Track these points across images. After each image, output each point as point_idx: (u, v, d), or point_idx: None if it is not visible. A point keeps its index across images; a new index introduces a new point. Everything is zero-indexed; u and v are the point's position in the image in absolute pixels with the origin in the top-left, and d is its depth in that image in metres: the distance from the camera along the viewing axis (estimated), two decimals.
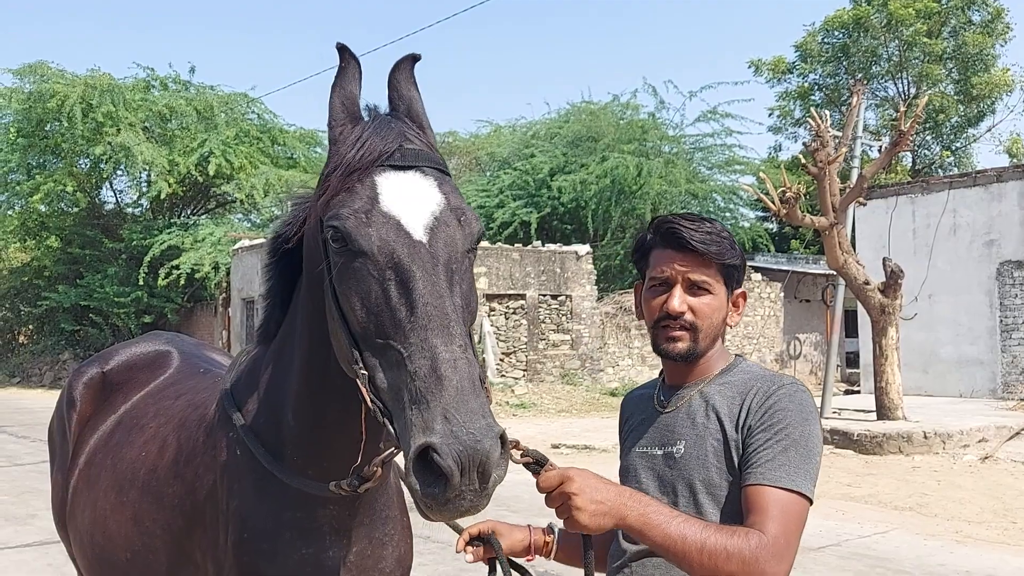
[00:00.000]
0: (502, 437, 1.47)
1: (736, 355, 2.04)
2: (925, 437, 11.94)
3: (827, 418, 14.11)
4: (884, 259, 13.62)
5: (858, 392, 19.99)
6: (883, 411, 13.15)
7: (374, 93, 1.89)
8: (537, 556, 2.06)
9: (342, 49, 1.84)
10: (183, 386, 2.76)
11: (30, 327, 32.40)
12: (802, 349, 24.64)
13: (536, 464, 1.69)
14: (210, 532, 2.09)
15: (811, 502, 1.78)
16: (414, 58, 1.92)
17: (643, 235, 2.02)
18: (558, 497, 1.65)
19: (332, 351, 1.79)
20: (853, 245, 17.96)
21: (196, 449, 2.21)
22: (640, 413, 2.09)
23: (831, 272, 16.81)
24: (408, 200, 1.67)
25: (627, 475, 2.02)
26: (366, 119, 1.81)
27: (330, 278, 1.69)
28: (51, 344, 29.24)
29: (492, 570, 1.90)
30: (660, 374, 2.10)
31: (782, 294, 24.22)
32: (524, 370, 20.05)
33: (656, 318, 1.94)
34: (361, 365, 1.61)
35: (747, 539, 1.66)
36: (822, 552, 7.02)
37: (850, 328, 21.86)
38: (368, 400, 1.59)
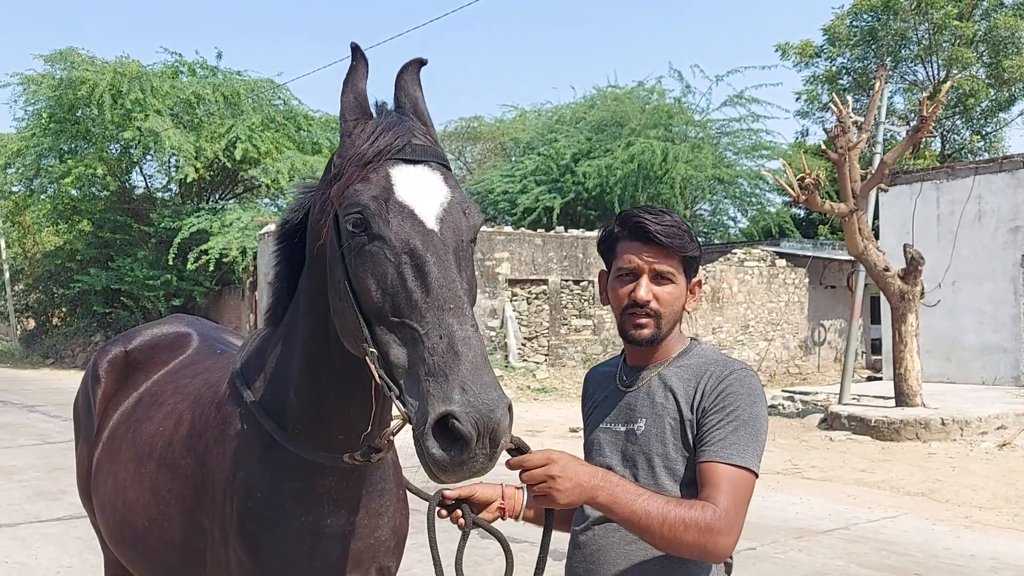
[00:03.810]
0: (509, 407, 1.62)
1: (691, 339, 2.19)
2: (943, 424, 11.95)
3: (845, 404, 14.14)
4: (905, 245, 13.58)
5: (881, 379, 19.93)
6: (902, 398, 13.15)
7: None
8: (507, 518, 2.21)
9: (355, 49, 1.98)
10: (200, 365, 2.92)
11: (63, 309, 33.01)
12: (826, 336, 24.55)
13: (517, 451, 1.81)
14: (218, 501, 2.25)
15: (757, 476, 1.96)
16: (420, 62, 2.08)
17: (610, 228, 2.17)
18: (540, 477, 1.78)
19: (332, 330, 1.94)
20: (877, 231, 17.87)
21: (208, 423, 2.37)
22: (603, 391, 2.24)
23: None
24: (420, 191, 1.81)
25: (592, 449, 2.18)
26: (375, 115, 1.96)
27: (343, 261, 1.82)
28: (83, 326, 29.79)
29: (465, 536, 2.05)
30: (621, 354, 2.24)
31: (807, 280, 24.13)
32: (546, 355, 20.19)
33: (624, 306, 2.09)
34: (371, 343, 1.74)
35: (703, 511, 1.84)
36: (829, 535, 7.12)
37: (876, 315, 21.76)
38: (376, 376, 1.73)
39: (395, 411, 1.78)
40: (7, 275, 36.73)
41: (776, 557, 6.47)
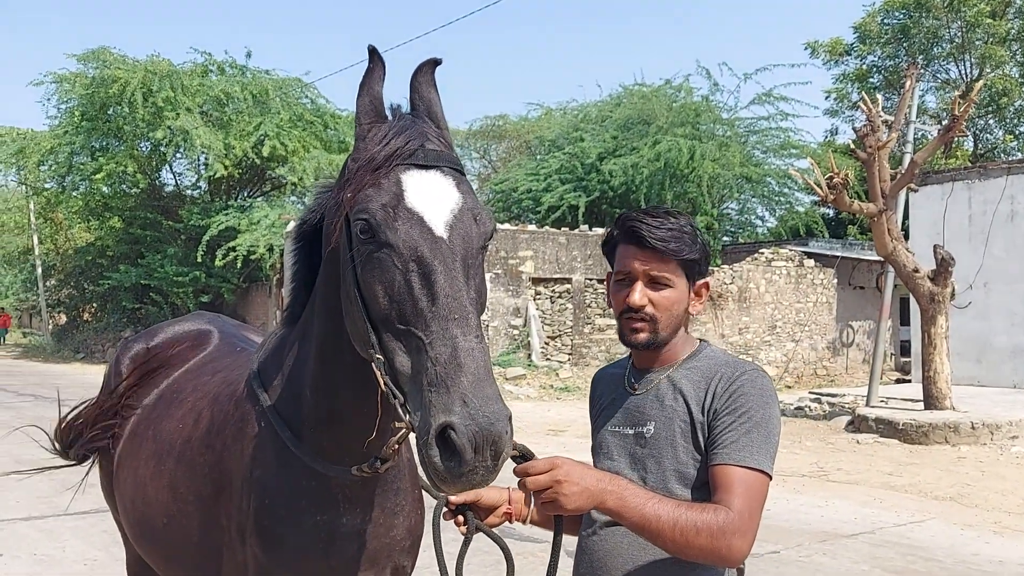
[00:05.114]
0: (510, 419, 1.60)
1: (701, 340, 2.15)
2: (972, 427, 11.78)
3: (873, 407, 13.98)
4: (935, 246, 13.40)
5: (909, 381, 19.69)
6: (931, 401, 12.98)
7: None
8: (514, 521, 2.19)
9: (372, 51, 1.97)
10: (220, 363, 2.94)
11: (94, 305, 33.46)
12: (855, 337, 24.30)
13: (521, 457, 1.80)
14: (235, 498, 2.26)
15: (771, 478, 1.92)
16: (435, 62, 2.05)
17: (611, 230, 2.14)
18: (546, 483, 1.76)
19: (345, 330, 1.92)
20: (907, 232, 17.65)
21: (226, 421, 2.38)
22: (611, 393, 2.21)
23: None
24: (430, 198, 1.79)
25: (600, 452, 2.15)
26: (390, 118, 1.94)
27: (352, 266, 1.81)
28: (113, 321, 30.17)
29: (466, 542, 2.03)
30: (629, 355, 2.21)
31: (835, 280, 23.90)
32: (569, 354, 20.15)
33: (620, 311, 2.07)
34: (377, 349, 1.74)
35: (715, 514, 1.80)
36: (855, 539, 7.04)
37: (905, 316, 21.50)
38: (382, 383, 1.73)
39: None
40: (39, 271, 37.32)
41: (800, 561, 6.40)
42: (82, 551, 6.68)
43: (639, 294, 2.02)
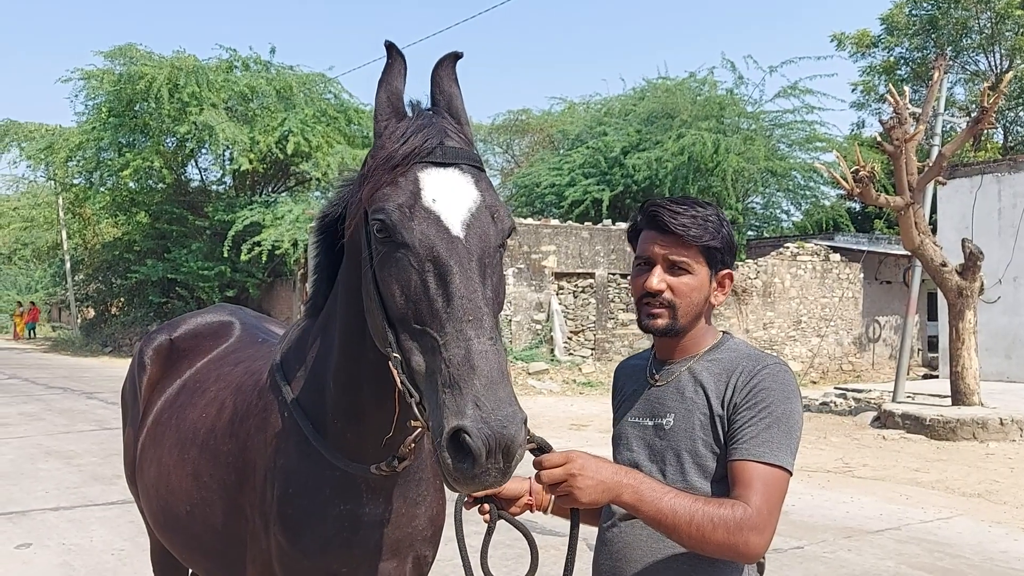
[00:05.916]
0: (524, 422, 1.60)
1: (724, 332, 2.13)
2: (1001, 423, 11.62)
3: (899, 402, 13.84)
4: (963, 240, 13.23)
5: (937, 377, 19.46)
6: (959, 396, 12.82)
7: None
8: (535, 511, 2.19)
9: (390, 47, 1.95)
10: (242, 354, 2.96)
11: (121, 299, 33.82)
12: (881, 332, 24.05)
13: (539, 450, 1.80)
14: (258, 487, 2.28)
15: (791, 474, 1.89)
16: (456, 56, 2.03)
17: (635, 217, 2.13)
18: (560, 476, 1.76)
19: (367, 327, 1.93)
20: (934, 225, 17.44)
21: (250, 410, 2.40)
22: (633, 384, 2.19)
23: None
24: (447, 196, 1.78)
25: (619, 443, 2.14)
26: (409, 114, 1.93)
27: (371, 264, 1.82)
28: (140, 316, 30.48)
29: (489, 531, 2.03)
30: (652, 347, 2.19)
31: (861, 275, 23.65)
32: (592, 349, 20.10)
33: (639, 295, 2.05)
34: (395, 348, 1.74)
35: (732, 510, 1.78)
36: (880, 535, 6.97)
37: (933, 311, 21.26)
38: (398, 381, 1.74)
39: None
40: (68, 265, 37.79)
41: (825, 556, 6.35)
42: (109, 541, 6.76)
43: (657, 278, 2.01)
